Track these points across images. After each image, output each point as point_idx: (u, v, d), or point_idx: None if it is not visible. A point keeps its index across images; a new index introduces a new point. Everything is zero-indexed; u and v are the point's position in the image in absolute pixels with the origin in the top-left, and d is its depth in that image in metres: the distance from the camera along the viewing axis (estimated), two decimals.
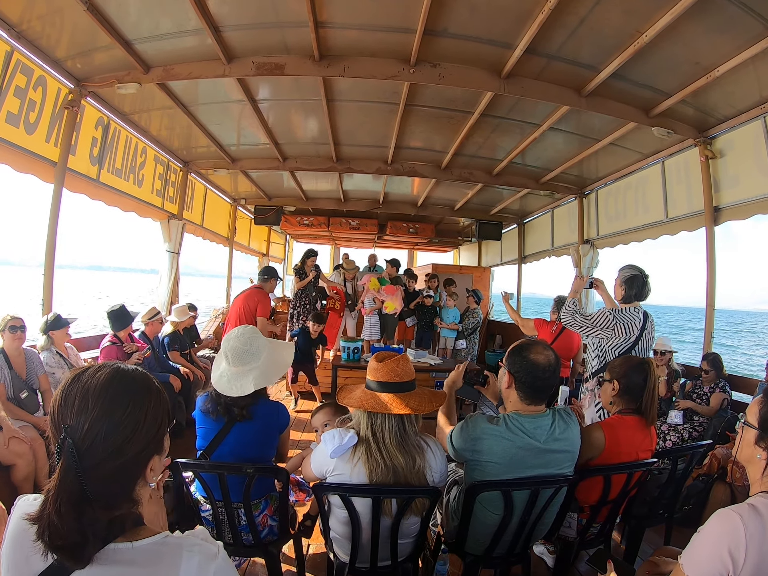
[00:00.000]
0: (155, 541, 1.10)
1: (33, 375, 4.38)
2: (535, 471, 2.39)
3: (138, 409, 1.13)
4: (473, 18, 4.28)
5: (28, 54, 4.67)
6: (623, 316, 4.05)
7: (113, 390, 1.12)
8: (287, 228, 13.39)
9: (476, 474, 2.45)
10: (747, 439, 1.68)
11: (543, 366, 2.42)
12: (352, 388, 2.46)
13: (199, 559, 1.09)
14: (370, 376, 2.36)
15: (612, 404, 3.00)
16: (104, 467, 1.06)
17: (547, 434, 2.40)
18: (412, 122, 6.69)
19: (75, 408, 1.07)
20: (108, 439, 1.06)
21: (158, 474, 1.22)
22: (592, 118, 5.92)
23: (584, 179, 8.67)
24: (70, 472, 1.03)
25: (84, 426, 1.06)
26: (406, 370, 2.34)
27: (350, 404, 2.34)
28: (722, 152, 5.72)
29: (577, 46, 4.55)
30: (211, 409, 2.67)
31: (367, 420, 2.26)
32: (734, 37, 4.13)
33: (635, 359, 3.02)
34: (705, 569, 1.48)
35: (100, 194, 6.32)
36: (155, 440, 1.18)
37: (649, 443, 2.86)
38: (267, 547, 2.70)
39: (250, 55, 5.05)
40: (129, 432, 1.09)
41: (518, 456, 2.37)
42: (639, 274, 4.11)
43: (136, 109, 6.44)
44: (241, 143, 8.06)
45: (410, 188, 10.68)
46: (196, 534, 1.17)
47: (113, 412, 1.09)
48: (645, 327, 4.03)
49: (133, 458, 1.11)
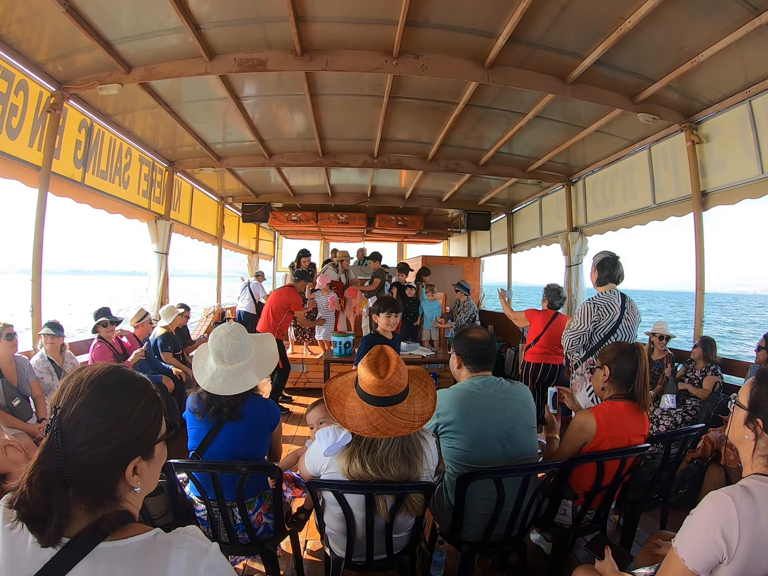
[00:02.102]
0: (145, 538, 1.11)
1: (24, 382, 4.36)
2: (499, 417, 2.66)
3: (125, 405, 1.16)
4: (455, 7, 4.27)
5: (8, 59, 4.62)
6: (600, 299, 4.18)
7: (105, 382, 1.17)
8: (276, 224, 13.39)
9: (451, 442, 2.67)
10: (737, 419, 1.70)
11: (480, 340, 2.83)
12: (339, 395, 2.34)
13: (189, 555, 1.10)
14: (369, 390, 2.20)
15: (604, 390, 3.02)
16: (83, 453, 1.09)
17: (495, 386, 2.76)
18: (397, 114, 6.68)
19: (68, 393, 1.13)
20: (90, 425, 1.10)
21: (145, 480, 1.22)
22: (578, 105, 5.92)
23: (571, 167, 8.68)
24: (51, 450, 1.08)
25: (71, 409, 1.11)
26: (405, 375, 2.25)
27: (355, 427, 2.16)
28: (708, 137, 5.74)
29: (561, 33, 4.55)
30: (200, 410, 2.67)
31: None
32: (718, 21, 4.14)
33: (625, 345, 3.05)
34: (699, 551, 1.49)
35: (85, 197, 6.27)
36: (141, 440, 1.19)
37: (641, 428, 2.88)
38: (263, 545, 2.70)
39: (232, 51, 5.02)
40: (112, 423, 1.13)
41: (476, 408, 2.66)
42: (609, 257, 4.28)
43: (119, 110, 6.40)
44: (227, 141, 8.02)
45: (398, 181, 10.68)
46: (187, 531, 1.17)
47: (100, 401, 1.14)
48: (625, 306, 4.15)
49: (112, 451, 1.12)
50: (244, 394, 2.67)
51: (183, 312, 7.29)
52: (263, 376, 2.74)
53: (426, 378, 2.45)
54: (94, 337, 5.65)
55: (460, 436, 2.63)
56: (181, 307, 7.27)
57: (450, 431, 2.65)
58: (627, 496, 3.19)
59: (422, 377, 2.45)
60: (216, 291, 11.92)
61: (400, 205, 11.99)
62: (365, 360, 2.27)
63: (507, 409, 2.69)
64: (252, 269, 14.13)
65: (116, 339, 5.81)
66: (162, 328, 6.55)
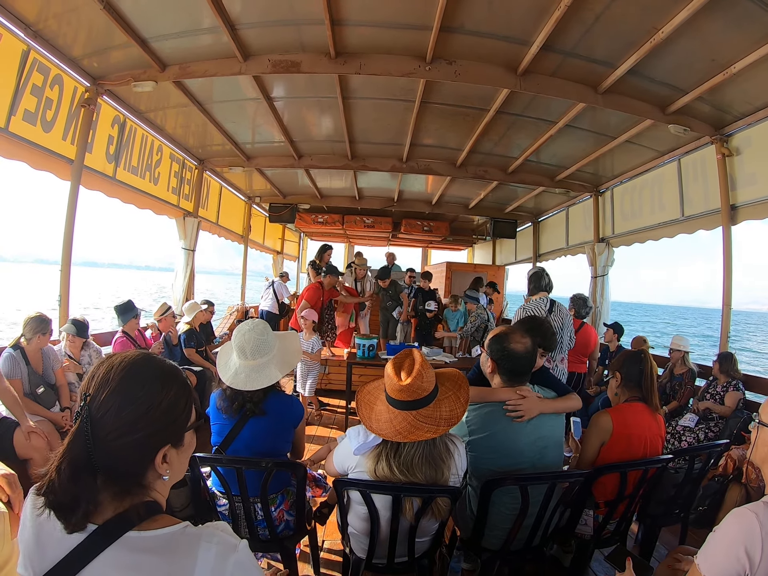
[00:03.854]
0: (174, 530, 1.11)
1: (49, 370, 4.44)
2: (533, 437, 2.60)
3: (156, 392, 1.16)
4: (490, 14, 4.27)
5: (45, 53, 4.71)
6: (528, 305, 4.98)
7: (135, 369, 1.16)
8: (302, 226, 13.45)
9: (481, 461, 2.62)
10: (763, 439, 1.67)
11: (521, 354, 2.65)
12: (370, 398, 2.39)
13: (217, 550, 1.09)
14: (392, 394, 2.23)
15: (617, 395, 3.12)
16: (113, 440, 1.09)
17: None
18: (427, 119, 6.68)
19: (98, 380, 1.13)
20: (121, 412, 1.10)
21: (174, 468, 1.22)
22: (608, 115, 5.88)
23: (599, 177, 8.61)
24: (80, 437, 1.08)
25: (101, 396, 1.11)
26: (430, 379, 2.23)
27: (379, 430, 2.19)
28: (739, 150, 5.65)
29: (593, 42, 4.52)
30: (225, 406, 2.69)
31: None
32: (751, 32, 4.09)
33: (630, 351, 3.30)
34: (722, 568, 1.48)
35: (116, 192, 6.38)
36: (171, 429, 1.20)
37: (657, 428, 2.94)
38: (283, 542, 2.72)
39: (266, 52, 5.07)
40: (142, 411, 1.12)
41: (512, 429, 2.58)
42: (537, 271, 5.16)
43: (151, 107, 6.50)
44: (256, 141, 8.10)
45: (425, 186, 10.68)
46: (216, 526, 1.17)
47: (131, 388, 1.13)
48: (552, 310, 4.89)
49: (142, 439, 1.12)
50: (268, 389, 2.69)
51: (207, 308, 7.34)
52: (285, 371, 2.74)
53: (460, 381, 2.39)
54: (117, 330, 5.71)
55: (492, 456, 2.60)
56: (204, 303, 7.34)
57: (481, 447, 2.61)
58: (648, 510, 3.18)
59: (456, 380, 2.39)
60: (240, 289, 12.02)
61: (426, 210, 11.99)
62: (390, 363, 2.28)
63: (542, 427, 2.64)
64: (276, 269, 14.25)
65: (138, 332, 5.85)
66: (185, 324, 6.63)
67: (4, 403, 3.83)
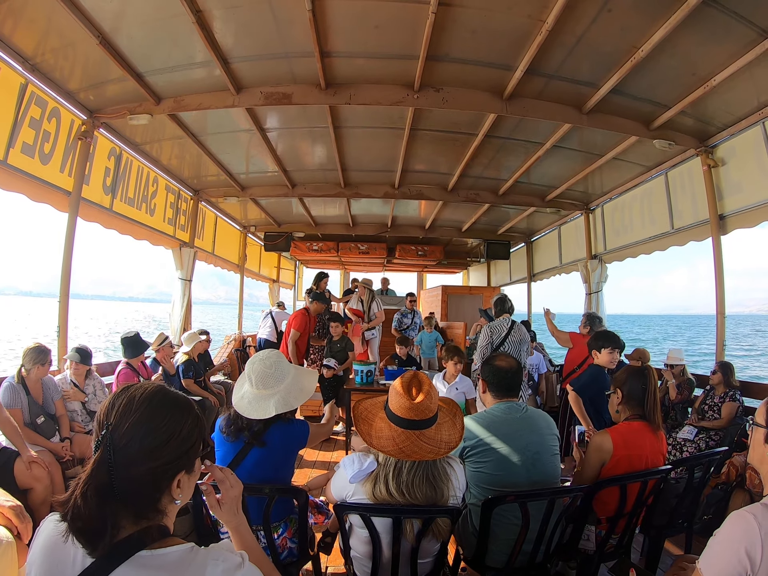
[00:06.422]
0: (183, 549, 1.18)
1: (49, 400, 4.45)
2: (524, 441, 2.73)
3: (175, 422, 1.23)
4: (474, 42, 4.40)
5: (42, 86, 4.82)
6: (493, 326, 5.91)
7: (157, 401, 1.23)
8: (297, 254, 13.52)
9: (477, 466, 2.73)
10: (757, 439, 1.70)
11: (505, 369, 2.93)
12: (368, 415, 2.41)
13: (224, 567, 1.17)
14: (398, 412, 2.24)
15: (618, 413, 3.08)
16: (135, 468, 1.15)
17: (520, 411, 2.86)
18: (417, 146, 6.80)
19: (120, 410, 1.19)
20: (143, 441, 1.16)
21: (185, 492, 1.29)
22: (594, 134, 6.00)
23: (589, 195, 8.73)
24: (103, 464, 1.13)
25: (124, 426, 1.16)
26: (436, 400, 2.29)
27: (381, 447, 2.21)
28: (724, 160, 5.77)
29: (576, 64, 4.65)
30: (225, 426, 2.70)
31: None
32: (728, 45, 4.22)
33: (633, 367, 3.14)
34: (723, 571, 1.48)
35: (113, 223, 6.45)
36: (187, 456, 1.26)
37: (658, 446, 2.89)
38: (286, 569, 2.69)
39: (258, 85, 5.19)
40: (164, 439, 1.19)
41: (502, 433, 2.74)
42: (501, 297, 6.21)
43: (147, 139, 6.60)
44: (251, 171, 8.20)
45: (418, 211, 10.78)
46: (221, 546, 1.26)
47: (153, 419, 1.20)
48: (512, 329, 5.81)
49: (162, 466, 1.19)
50: (270, 421, 2.67)
51: (204, 338, 7.36)
52: (282, 410, 2.65)
53: (455, 409, 2.49)
54: (119, 361, 5.71)
55: (486, 460, 2.67)
56: (202, 333, 7.35)
57: (476, 454, 2.70)
58: (652, 521, 3.15)
59: (451, 407, 2.49)
60: (237, 318, 12.00)
61: (420, 235, 12.07)
62: (398, 382, 2.30)
63: (532, 433, 2.77)
64: (273, 298, 14.27)
65: (141, 363, 5.85)
66: (184, 354, 6.64)
67: (5, 433, 3.83)
